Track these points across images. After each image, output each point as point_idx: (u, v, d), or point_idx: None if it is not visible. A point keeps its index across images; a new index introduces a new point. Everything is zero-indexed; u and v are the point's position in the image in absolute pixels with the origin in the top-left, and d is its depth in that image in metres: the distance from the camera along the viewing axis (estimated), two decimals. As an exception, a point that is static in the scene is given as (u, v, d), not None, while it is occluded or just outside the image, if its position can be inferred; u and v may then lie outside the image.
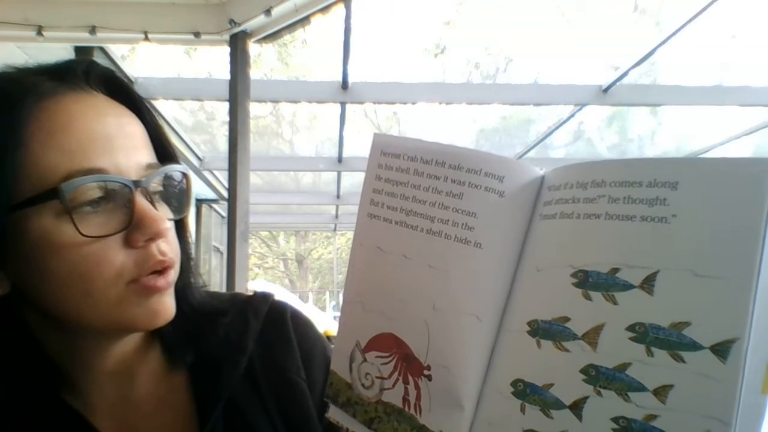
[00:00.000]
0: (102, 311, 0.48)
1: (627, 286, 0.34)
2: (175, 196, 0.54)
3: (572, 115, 3.96)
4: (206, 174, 5.21)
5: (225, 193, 5.16)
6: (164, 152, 0.55)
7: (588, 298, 0.35)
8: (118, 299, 0.48)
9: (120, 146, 0.49)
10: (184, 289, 0.57)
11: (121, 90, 0.54)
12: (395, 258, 0.44)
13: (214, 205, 6.51)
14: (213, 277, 6.68)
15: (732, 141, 4.57)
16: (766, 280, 0.30)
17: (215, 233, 6.81)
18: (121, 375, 0.55)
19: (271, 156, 5.20)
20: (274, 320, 0.63)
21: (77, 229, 0.45)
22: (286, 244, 17.41)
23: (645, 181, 0.34)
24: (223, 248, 6.22)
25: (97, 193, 0.47)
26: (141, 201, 0.48)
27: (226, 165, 2.62)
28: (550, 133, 4.37)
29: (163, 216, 0.49)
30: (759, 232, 0.30)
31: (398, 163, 0.45)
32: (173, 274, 0.52)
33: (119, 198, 0.48)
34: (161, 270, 0.50)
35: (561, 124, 4.15)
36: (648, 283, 0.33)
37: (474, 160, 0.42)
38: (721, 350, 0.30)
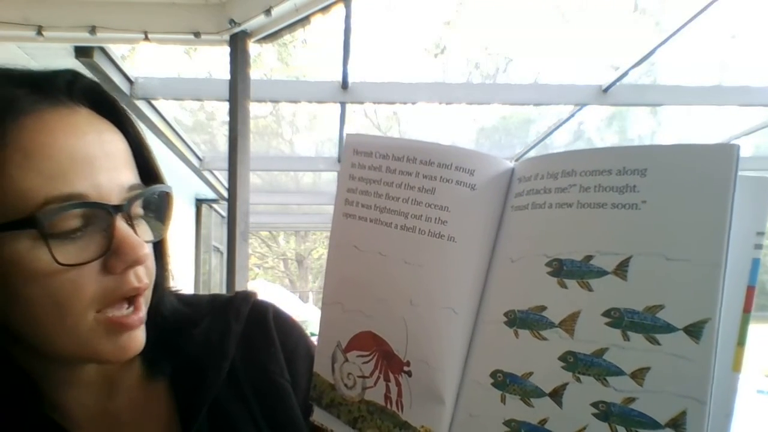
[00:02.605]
0: (72, 342, 0.46)
1: (601, 273, 0.34)
2: (156, 217, 0.52)
3: (572, 115, 3.96)
4: (206, 174, 5.21)
5: (225, 193, 5.16)
6: (147, 170, 0.53)
7: (563, 286, 0.36)
8: (88, 331, 0.46)
9: (101, 167, 0.46)
10: (157, 303, 0.55)
11: (105, 104, 0.52)
12: (371, 256, 0.45)
13: (214, 205, 6.51)
14: (213, 277, 6.68)
15: (732, 141, 4.57)
16: (733, 260, 0.31)
17: (215, 233, 6.80)
18: (100, 387, 0.54)
19: (271, 156, 5.20)
20: (256, 321, 0.62)
21: (54, 257, 0.43)
22: (286, 244, 17.40)
23: (614, 169, 0.35)
24: (223, 248, 6.22)
25: (76, 222, 0.45)
26: (121, 226, 0.46)
27: (226, 165, 2.62)
28: (550, 133, 4.37)
29: (142, 242, 0.47)
30: (725, 215, 0.31)
31: (371, 162, 0.45)
32: (144, 304, 0.50)
33: (99, 223, 0.46)
34: (133, 298, 0.48)
35: (561, 124, 4.15)
36: (621, 269, 0.34)
37: (444, 155, 0.42)
38: (694, 331, 0.31)
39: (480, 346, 0.40)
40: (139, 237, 0.47)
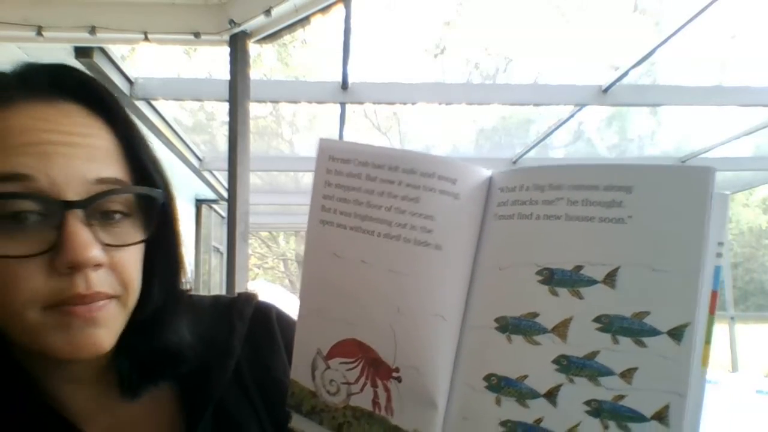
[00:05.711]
0: (24, 334, 0.44)
1: (591, 282, 0.37)
2: (139, 220, 0.49)
3: (572, 115, 3.96)
4: (206, 174, 5.21)
5: (225, 193, 5.16)
6: (140, 170, 0.50)
7: (554, 294, 0.38)
8: (36, 324, 0.43)
9: (57, 153, 0.43)
10: (153, 326, 0.53)
11: (95, 100, 0.49)
12: (353, 264, 0.45)
13: (214, 205, 6.51)
14: (213, 278, 6.68)
15: (732, 141, 4.57)
16: (706, 270, 0.35)
17: (215, 233, 6.81)
18: (94, 386, 0.53)
19: (271, 156, 5.20)
20: (260, 321, 0.63)
21: None
22: (286, 245, 17.40)
23: (601, 185, 0.37)
24: (223, 248, 6.23)
25: (16, 210, 0.42)
26: (71, 223, 0.43)
27: (226, 165, 2.62)
28: (550, 133, 4.37)
29: (91, 243, 0.43)
30: (703, 229, 0.34)
31: (348, 169, 0.45)
32: (113, 307, 0.46)
33: (51, 216, 0.43)
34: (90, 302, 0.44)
35: (561, 124, 4.15)
36: (610, 279, 0.36)
37: (427, 164, 0.42)
38: (677, 334, 0.35)
39: (471, 351, 0.41)
40: (92, 237, 0.43)
